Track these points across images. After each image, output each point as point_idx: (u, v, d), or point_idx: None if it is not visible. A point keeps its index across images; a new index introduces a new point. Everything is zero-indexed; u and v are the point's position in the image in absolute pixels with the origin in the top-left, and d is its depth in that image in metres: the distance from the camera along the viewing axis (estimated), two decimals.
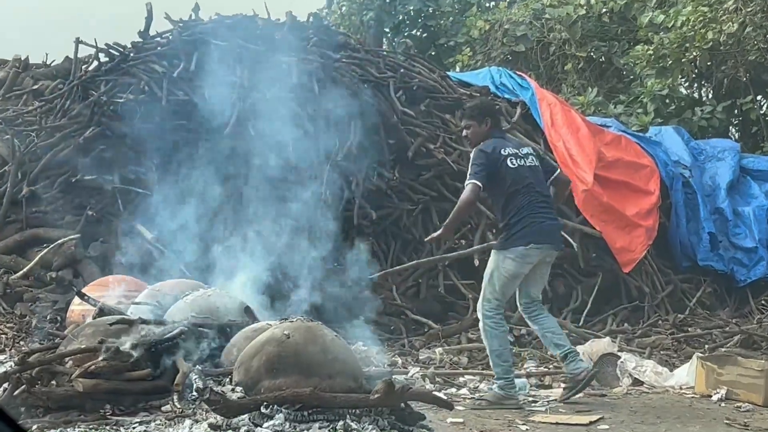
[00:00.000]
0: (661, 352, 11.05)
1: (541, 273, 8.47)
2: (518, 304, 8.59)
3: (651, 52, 17.26)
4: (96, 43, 13.37)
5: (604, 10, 19.51)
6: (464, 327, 11.37)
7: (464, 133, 8.55)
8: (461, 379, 9.39)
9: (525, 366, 10.13)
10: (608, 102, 18.19)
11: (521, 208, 8.14)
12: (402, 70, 13.72)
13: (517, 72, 15.42)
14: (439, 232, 8.21)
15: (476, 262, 12.12)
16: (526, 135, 13.48)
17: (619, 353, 9.74)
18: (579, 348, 9.74)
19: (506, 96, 14.20)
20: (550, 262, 8.55)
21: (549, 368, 10.06)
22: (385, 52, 15.36)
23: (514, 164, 8.18)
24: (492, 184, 8.14)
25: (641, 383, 9.32)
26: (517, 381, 8.76)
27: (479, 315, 8.35)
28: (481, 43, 20.70)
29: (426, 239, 8.76)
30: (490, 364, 8.41)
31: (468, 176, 8.08)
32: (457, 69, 20.18)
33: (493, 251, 8.33)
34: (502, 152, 8.18)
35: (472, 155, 8.21)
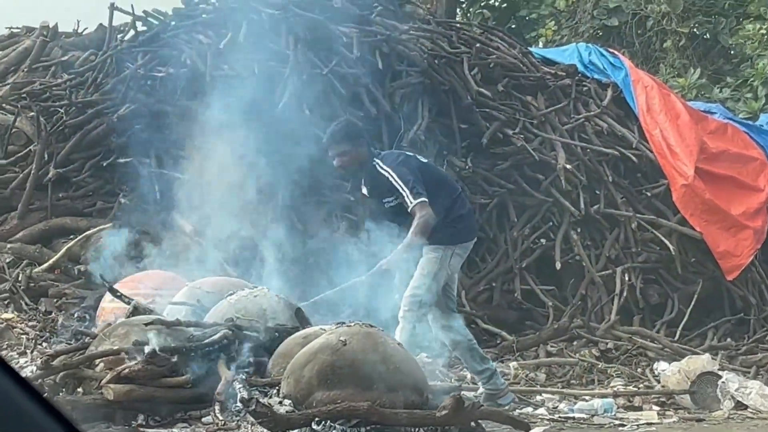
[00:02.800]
0: None
1: None
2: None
3: (764, 30, 17.09)
4: (133, 9, 13.48)
5: None
6: (543, 339, 11.36)
7: (338, 162, 8.78)
8: (538, 397, 9.39)
9: (612, 384, 10.10)
10: (713, 85, 18.03)
11: (454, 203, 8.64)
12: (477, 45, 13.69)
13: (609, 49, 15.33)
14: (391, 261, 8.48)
15: (558, 265, 12.10)
16: (618, 121, 13.42)
17: (720, 372, 9.69)
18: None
19: (596, 76, 14.13)
20: None
21: (639, 387, 10.03)
22: (458, 25, 15.35)
23: (428, 159, 9.06)
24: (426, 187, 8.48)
25: (745, 407, 9.26)
26: (602, 401, 8.78)
27: (408, 312, 8.41)
28: (567, 15, 20.59)
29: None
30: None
31: (411, 195, 8.31)
32: (540, 45, 20.09)
33: (434, 247, 8.50)
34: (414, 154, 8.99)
35: (395, 173, 8.39)
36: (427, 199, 8.31)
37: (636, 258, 12.59)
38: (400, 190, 8.35)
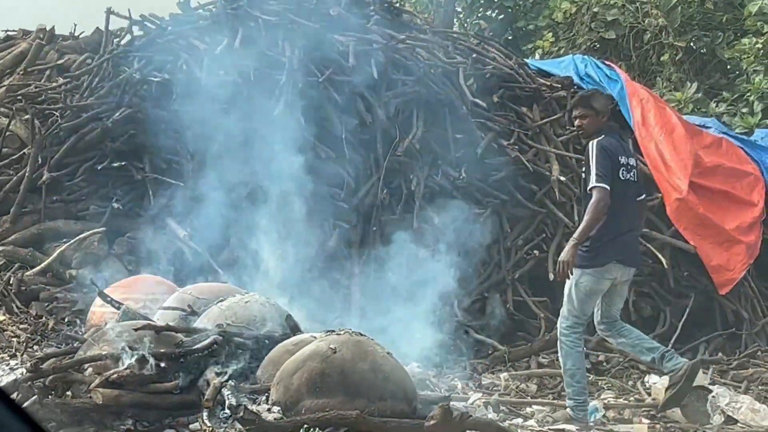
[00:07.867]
0: (760, 387, 10.96)
1: (619, 292, 8.95)
2: (596, 324, 9.10)
3: (760, 45, 17.09)
4: (130, 13, 13.47)
5: None
6: (534, 350, 11.35)
7: (578, 122, 8.94)
8: (529, 409, 9.38)
9: (602, 397, 10.10)
10: (709, 99, 18.03)
11: (610, 224, 8.52)
12: (474, 56, 13.72)
13: (606, 62, 15.35)
14: (567, 253, 8.44)
15: (551, 277, 12.10)
16: None
17: (710, 387, 9.67)
18: (665, 379, 9.70)
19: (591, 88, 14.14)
20: (629, 281, 9.05)
21: (629, 400, 10.02)
22: (455, 35, 15.36)
23: (624, 177, 8.66)
24: None
25: (735, 422, 9.25)
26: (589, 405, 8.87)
27: (558, 333, 8.90)
28: (565, 27, 20.61)
29: (556, 273, 8.81)
30: (564, 384, 8.98)
31: (594, 177, 8.43)
32: (537, 56, 20.11)
33: (573, 267, 8.54)
34: (620, 159, 8.63)
35: (593, 150, 8.54)
36: (608, 189, 8.37)
37: None
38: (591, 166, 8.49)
